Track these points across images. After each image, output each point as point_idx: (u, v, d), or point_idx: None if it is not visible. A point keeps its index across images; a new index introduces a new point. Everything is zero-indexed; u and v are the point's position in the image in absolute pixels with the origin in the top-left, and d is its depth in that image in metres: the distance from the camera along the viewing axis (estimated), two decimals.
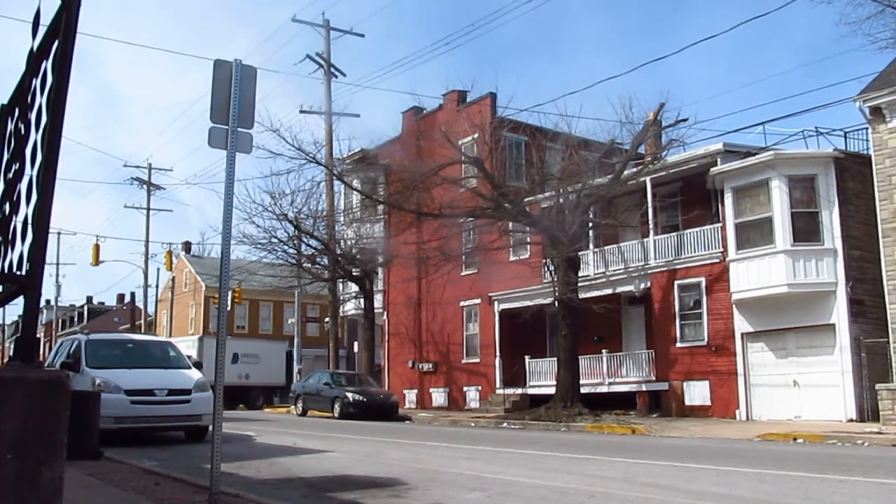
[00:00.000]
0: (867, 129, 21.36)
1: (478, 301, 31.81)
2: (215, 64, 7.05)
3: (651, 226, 25.50)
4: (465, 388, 32.11)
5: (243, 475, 9.39)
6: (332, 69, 34.13)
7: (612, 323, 26.45)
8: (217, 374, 6.75)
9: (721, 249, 23.38)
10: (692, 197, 25.11)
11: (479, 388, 31.24)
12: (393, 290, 36.40)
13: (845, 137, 24.16)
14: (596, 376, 25.93)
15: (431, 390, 33.73)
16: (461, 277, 31.60)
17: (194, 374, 15.34)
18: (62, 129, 2.81)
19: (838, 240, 21.17)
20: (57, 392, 2.72)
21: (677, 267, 24.70)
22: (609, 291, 26.06)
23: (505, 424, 22.34)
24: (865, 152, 22.11)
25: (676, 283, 24.72)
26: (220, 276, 6.70)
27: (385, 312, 36.52)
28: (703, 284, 23.95)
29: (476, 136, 28.30)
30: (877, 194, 20.46)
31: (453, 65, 72.22)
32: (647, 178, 24.89)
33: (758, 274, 21.94)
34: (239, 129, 6.97)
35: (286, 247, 33.35)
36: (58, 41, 2.73)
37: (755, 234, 22.33)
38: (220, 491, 6.70)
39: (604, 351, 25.99)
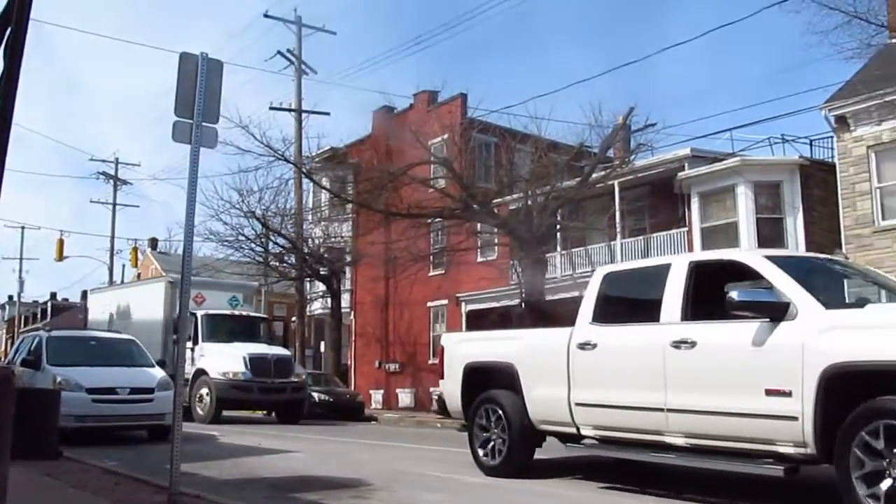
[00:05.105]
0: (832, 137, 21.64)
1: (445, 302, 31.80)
2: (181, 57, 6.99)
3: (618, 229, 25.63)
4: (431, 389, 31.97)
5: (206, 475, 9.28)
6: (304, 66, 33.94)
7: None
8: (176, 371, 6.66)
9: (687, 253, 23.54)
10: (660, 201, 25.27)
11: None
12: (360, 290, 36.29)
13: (811, 145, 24.52)
14: None
15: (398, 391, 33.63)
16: (429, 278, 31.57)
17: (157, 373, 15.18)
18: (13, 115, 2.75)
19: (802, 246, 21.41)
20: (1, 389, 2.65)
21: None
22: (576, 293, 26.06)
23: None
24: (830, 160, 22.39)
25: None
26: (182, 273, 6.62)
27: (352, 312, 36.40)
28: None
29: (446, 136, 28.30)
30: (840, 202, 20.72)
31: (425, 64, 72.25)
32: (616, 182, 25.01)
33: None
34: (204, 124, 6.90)
35: (253, 245, 33.11)
36: (10, 29, 2.66)
37: (721, 238, 22.52)
38: (180, 492, 6.61)
39: None
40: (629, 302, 8.91)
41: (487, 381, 9.46)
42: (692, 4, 72.45)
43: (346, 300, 35.39)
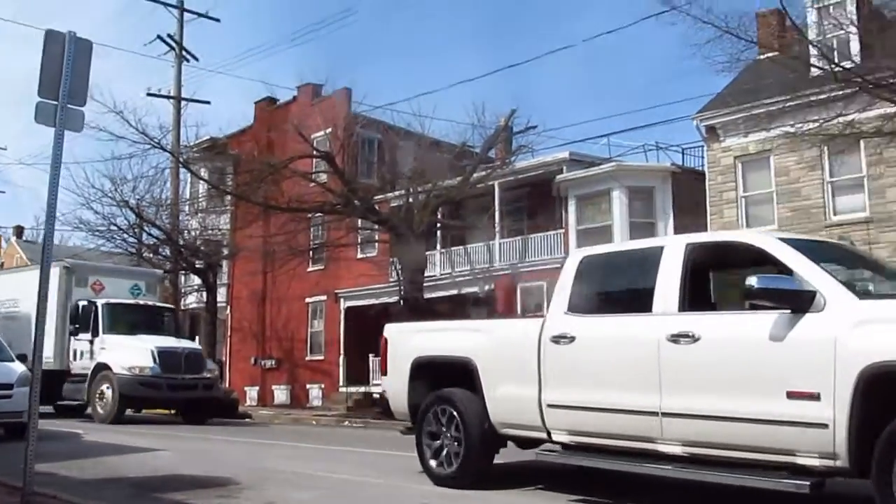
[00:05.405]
0: (703, 146, 22.57)
1: (323, 298, 31.58)
2: (46, 35, 6.67)
3: (497, 229, 26.02)
4: (308, 386, 31.76)
5: (65, 475, 8.90)
6: (184, 52, 32.96)
7: None
8: (35, 366, 6.37)
9: (563, 255, 24.04)
10: (538, 203, 25.80)
11: (322, 385, 30.98)
12: (237, 284, 35.64)
13: (683, 153, 25.58)
14: None
15: (274, 387, 33.19)
16: (307, 273, 31.29)
17: (17, 367, 14.46)
18: None
19: None
20: None
21: (521, 270, 25.28)
22: (454, 292, 26.37)
23: (347, 423, 22.19)
24: (700, 168, 23.34)
25: (519, 285, 25.31)
26: (42, 262, 6.32)
27: (228, 307, 35.68)
28: (545, 288, 24.58)
29: (329, 130, 28.05)
30: (708, 209, 21.62)
31: (310, 56, 71.30)
32: (496, 183, 25.37)
33: None
34: (69, 106, 6.60)
35: (126, 235, 31.97)
36: None
37: (596, 241, 23.01)
38: (35, 492, 6.32)
39: None
40: (613, 289, 7.87)
41: (440, 378, 8.27)
42: (581, 9, 74.17)
43: (222, 294, 34.61)
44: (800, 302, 5.67)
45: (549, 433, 7.35)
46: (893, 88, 14.39)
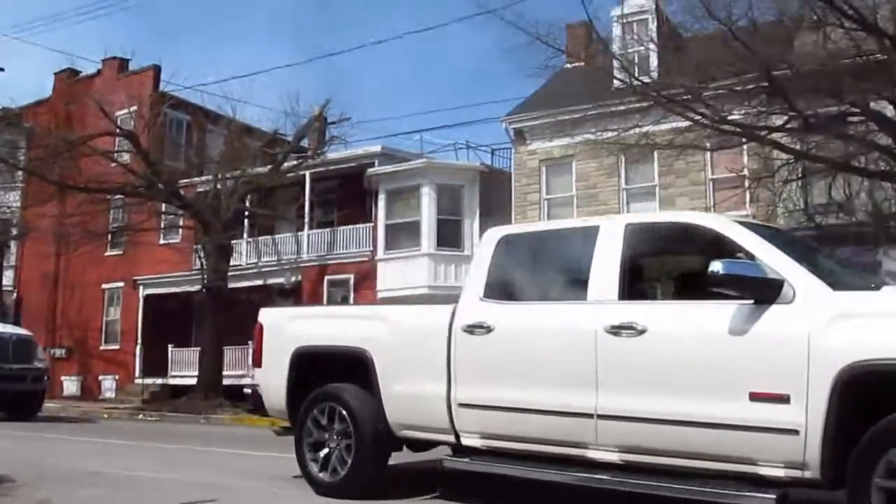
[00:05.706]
0: (511, 148, 23.32)
1: (121, 284, 30.31)
2: None
3: (307, 220, 25.87)
4: (101, 377, 30.37)
5: None
6: None
7: None
8: None
9: (371, 248, 24.29)
10: (349, 195, 25.86)
11: (117, 377, 29.73)
12: (27, 267, 33.58)
13: (492, 154, 26.32)
14: (242, 368, 25.62)
15: (63, 378, 31.40)
16: (105, 258, 29.90)
17: None
18: None
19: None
20: None
21: (329, 262, 25.26)
22: (260, 282, 26.00)
23: (141, 416, 21.41)
24: (507, 169, 24.09)
25: (327, 277, 25.28)
26: None
27: (15, 290, 33.54)
28: (352, 281, 24.70)
29: (134, 108, 26.90)
30: (513, 209, 22.35)
31: (117, 28, 67.50)
32: (307, 173, 25.20)
33: (403, 274, 23.07)
34: None
35: None
36: None
37: (404, 236, 23.51)
38: None
39: (250, 342, 25.75)
40: (539, 274, 6.81)
41: (326, 371, 7.15)
42: (408, 5, 74.51)
43: (9, 277, 32.55)
44: (767, 292, 5.03)
45: (458, 436, 6.43)
46: (685, 104, 15.37)
